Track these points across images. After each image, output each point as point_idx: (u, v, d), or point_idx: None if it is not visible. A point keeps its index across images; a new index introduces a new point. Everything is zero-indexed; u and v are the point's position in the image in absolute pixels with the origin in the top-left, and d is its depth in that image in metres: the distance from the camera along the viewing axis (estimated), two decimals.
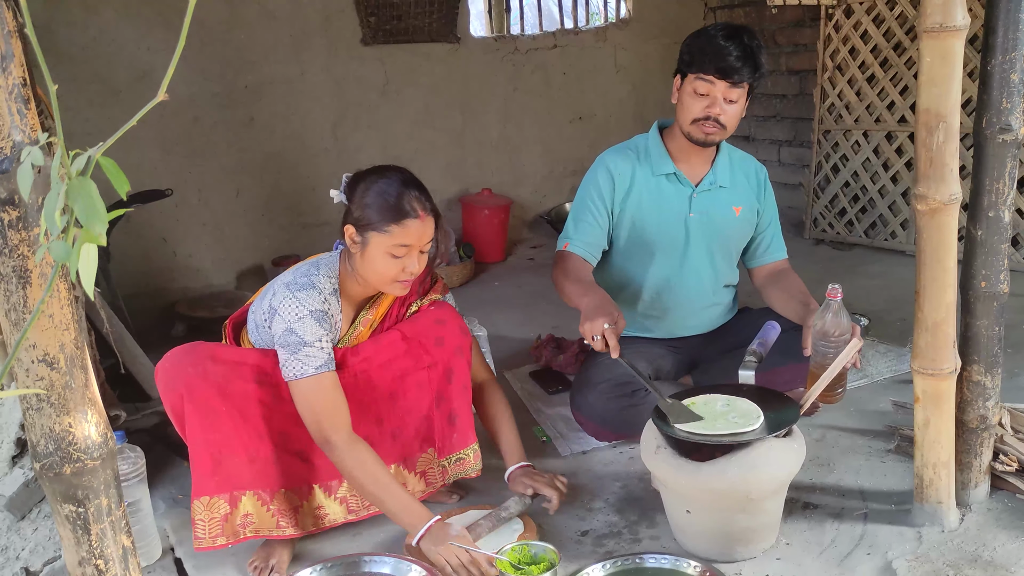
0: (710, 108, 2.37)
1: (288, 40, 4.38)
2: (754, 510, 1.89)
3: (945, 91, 1.76)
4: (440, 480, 2.23)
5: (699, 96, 2.37)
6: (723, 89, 2.35)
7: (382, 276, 2.02)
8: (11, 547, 2.31)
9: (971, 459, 2.03)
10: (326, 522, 2.11)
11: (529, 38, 5.20)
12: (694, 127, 2.41)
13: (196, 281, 4.29)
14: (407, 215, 1.97)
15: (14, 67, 0.98)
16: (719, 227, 2.57)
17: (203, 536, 1.95)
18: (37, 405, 1.08)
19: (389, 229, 1.97)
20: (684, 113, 2.42)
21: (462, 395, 2.20)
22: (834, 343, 2.06)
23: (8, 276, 1.03)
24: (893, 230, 4.41)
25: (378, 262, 2.00)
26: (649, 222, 2.54)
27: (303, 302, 1.99)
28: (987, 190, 1.89)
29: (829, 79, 4.59)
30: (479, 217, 4.83)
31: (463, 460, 2.23)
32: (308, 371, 1.96)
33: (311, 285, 2.02)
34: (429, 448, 2.21)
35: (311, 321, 1.98)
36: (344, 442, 1.97)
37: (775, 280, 2.60)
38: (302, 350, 1.96)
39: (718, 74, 2.33)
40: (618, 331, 2.11)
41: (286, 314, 1.98)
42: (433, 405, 2.18)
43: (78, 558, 1.14)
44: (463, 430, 2.21)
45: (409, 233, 1.98)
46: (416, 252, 2.01)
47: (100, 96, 3.86)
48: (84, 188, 0.74)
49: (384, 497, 1.97)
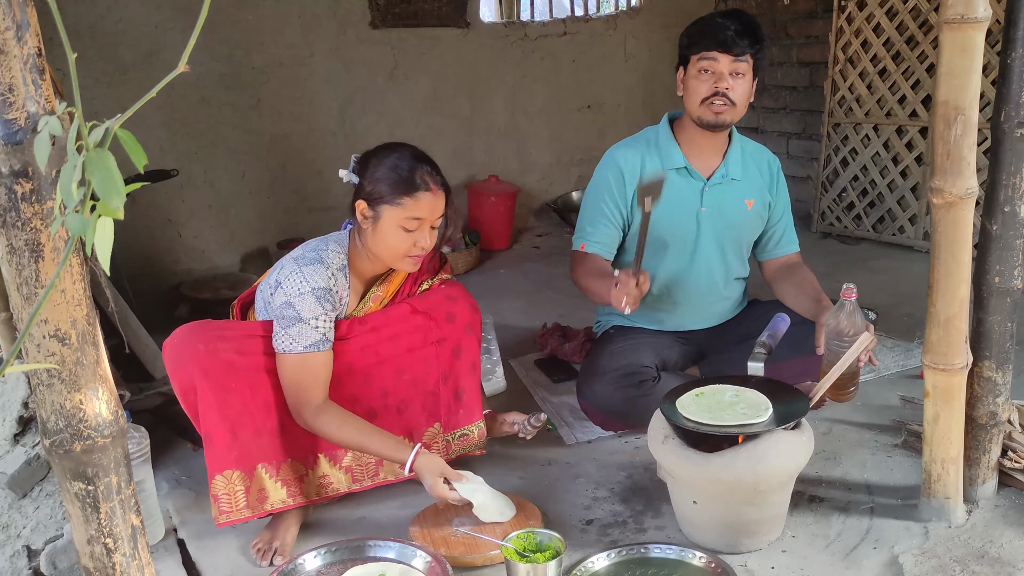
0: (718, 83, 2.35)
1: (297, 21, 4.35)
2: (761, 502, 1.88)
3: (964, 83, 1.74)
4: (444, 454, 2.24)
5: (704, 75, 2.36)
6: (727, 63, 2.33)
7: (394, 250, 2.04)
8: (12, 525, 2.31)
9: (980, 455, 2.02)
10: (330, 491, 2.13)
11: (539, 24, 5.16)
12: (703, 108, 2.39)
13: (201, 263, 4.28)
14: (419, 188, 2.00)
15: (29, 36, 0.97)
16: (731, 221, 2.55)
17: (229, 509, 1.98)
18: (48, 381, 1.07)
19: (402, 202, 1.99)
20: (691, 97, 2.40)
21: (471, 372, 2.23)
22: (848, 342, 2.04)
23: (21, 250, 1.02)
24: (901, 225, 4.39)
25: (390, 235, 2.02)
26: (660, 216, 2.52)
27: (308, 277, 2.00)
28: (1003, 185, 1.87)
29: (840, 72, 4.56)
30: (485, 204, 4.81)
31: (467, 436, 2.26)
32: (296, 348, 1.98)
33: (319, 260, 2.04)
34: (435, 423, 2.23)
35: (311, 299, 1.99)
36: (315, 411, 2.00)
37: (787, 274, 2.58)
38: (295, 326, 1.98)
39: (720, 48, 2.32)
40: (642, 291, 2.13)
41: (288, 287, 2.00)
42: (440, 381, 2.21)
43: (87, 536, 1.14)
44: (469, 406, 2.24)
45: (421, 206, 2.00)
46: (427, 226, 2.03)
47: (107, 75, 3.84)
48: (102, 160, 0.73)
49: (366, 443, 2.02)
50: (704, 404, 1.94)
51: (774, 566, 1.88)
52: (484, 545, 1.94)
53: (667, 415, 1.93)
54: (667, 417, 1.93)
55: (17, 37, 0.96)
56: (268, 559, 1.98)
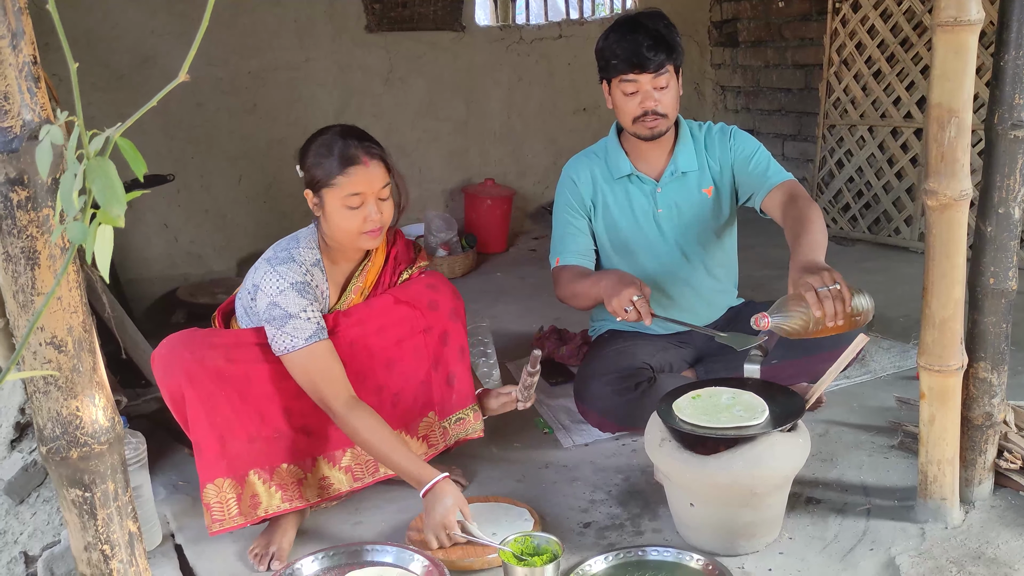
0: (644, 103, 2.35)
1: (293, 26, 4.35)
2: (758, 504, 1.88)
3: (958, 86, 1.75)
4: (442, 441, 2.25)
5: (629, 96, 2.36)
6: (649, 81, 2.33)
7: (347, 231, 2.04)
8: (9, 531, 2.30)
9: (976, 456, 2.02)
10: (331, 491, 2.13)
11: (534, 28, 5.17)
12: (637, 126, 2.39)
13: (197, 267, 4.27)
14: (350, 162, 2.00)
15: (24, 44, 0.97)
16: (692, 216, 2.53)
17: (221, 517, 1.96)
18: (44, 388, 1.07)
19: (336, 181, 2.00)
20: (623, 116, 2.41)
21: (460, 357, 2.24)
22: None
23: (16, 257, 1.02)
24: (897, 226, 4.40)
25: (338, 217, 2.02)
26: (621, 224, 2.54)
27: (283, 275, 2.01)
28: (997, 186, 1.88)
29: (835, 74, 4.57)
30: (482, 207, 4.81)
31: (463, 420, 2.27)
32: (298, 343, 1.98)
33: (291, 259, 2.05)
34: (430, 412, 2.24)
35: (292, 293, 2.00)
36: (345, 406, 1.99)
37: (785, 212, 2.33)
38: (288, 323, 1.98)
39: (637, 70, 2.31)
40: (646, 296, 2.12)
41: (268, 288, 2.00)
42: (431, 369, 2.21)
43: (84, 543, 1.14)
44: (461, 391, 2.25)
45: (356, 181, 2.00)
46: (372, 199, 2.02)
47: (103, 80, 3.83)
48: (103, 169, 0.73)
49: (393, 455, 1.99)
50: (700, 406, 1.95)
51: (771, 568, 1.88)
52: (482, 549, 1.94)
53: (664, 418, 1.93)
54: (664, 420, 1.93)
55: (12, 45, 0.96)
56: (265, 564, 1.98)
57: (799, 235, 2.14)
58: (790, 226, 2.22)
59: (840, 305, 1.89)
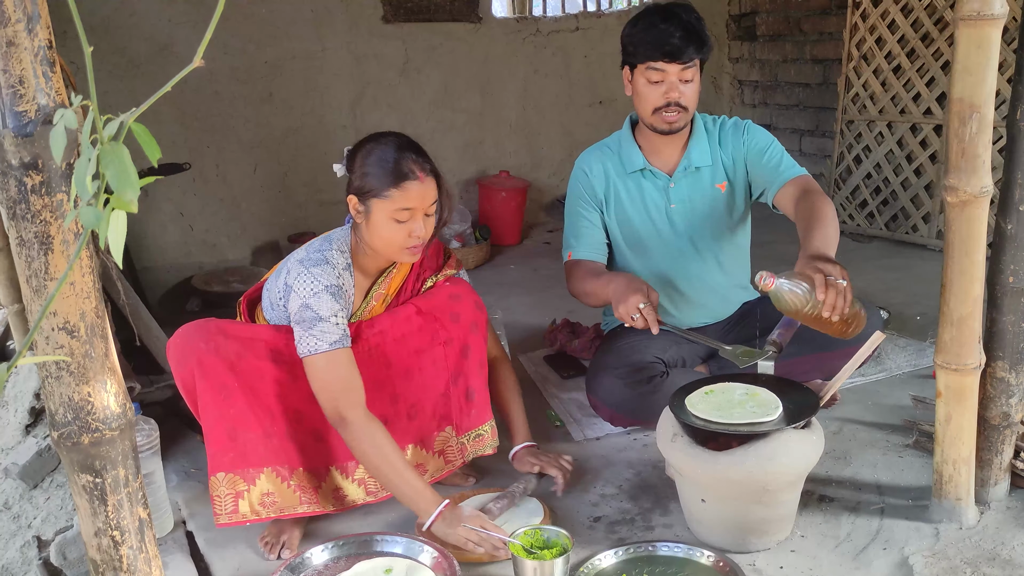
0: (668, 93, 2.32)
1: (309, 15, 4.35)
2: (770, 501, 1.87)
3: (980, 80, 1.73)
4: (459, 458, 2.21)
5: (653, 84, 2.33)
6: (676, 72, 2.30)
7: (389, 243, 2.01)
8: (23, 515, 2.32)
9: (992, 456, 2.00)
10: (346, 503, 2.11)
11: (551, 20, 5.15)
12: (656, 117, 2.37)
13: (211, 256, 4.29)
14: (406, 178, 1.96)
15: (40, 29, 0.97)
16: (705, 211, 2.51)
17: (221, 512, 1.95)
18: (56, 373, 1.07)
19: (389, 194, 1.96)
20: (643, 105, 2.38)
21: (479, 372, 2.20)
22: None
23: (30, 242, 1.02)
24: (915, 223, 4.36)
25: (383, 229, 1.99)
26: (634, 219, 2.52)
27: (318, 277, 1.98)
28: (1019, 183, 1.85)
29: (854, 68, 4.53)
30: (496, 199, 4.80)
31: (481, 437, 2.22)
32: (322, 347, 1.95)
33: (324, 261, 2.02)
34: (447, 426, 2.19)
35: (327, 296, 1.97)
36: (359, 420, 1.96)
37: (799, 207, 2.28)
38: (317, 325, 1.95)
39: (666, 58, 2.28)
40: (653, 304, 2.10)
41: (301, 290, 1.97)
42: (450, 382, 2.17)
43: (94, 529, 1.14)
44: (480, 406, 2.20)
45: (410, 196, 1.97)
46: (420, 215, 2.00)
47: (120, 68, 3.85)
48: (117, 154, 0.72)
49: (397, 480, 1.96)
50: (714, 402, 1.93)
51: (783, 566, 1.87)
52: (491, 541, 1.93)
53: (676, 413, 1.92)
54: (676, 415, 1.92)
55: (28, 29, 0.96)
56: (276, 552, 1.99)
57: (811, 229, 2.11)
58: (802, 221, 2.19)
59: (842, 301, 1.88)
